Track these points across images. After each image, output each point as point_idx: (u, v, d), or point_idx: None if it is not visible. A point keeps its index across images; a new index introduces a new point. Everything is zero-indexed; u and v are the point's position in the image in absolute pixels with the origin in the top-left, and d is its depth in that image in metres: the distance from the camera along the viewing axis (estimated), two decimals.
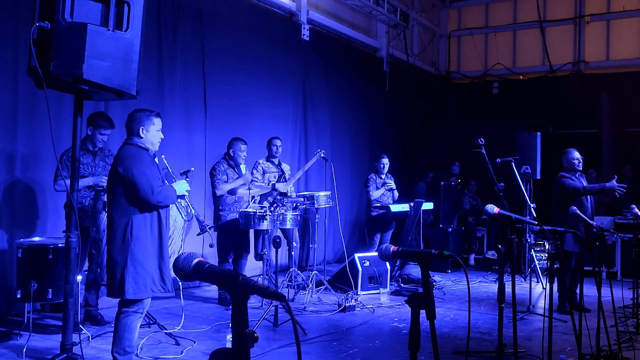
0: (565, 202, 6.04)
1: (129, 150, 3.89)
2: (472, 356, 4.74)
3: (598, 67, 12.60)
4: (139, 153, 3.88)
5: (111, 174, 3.89)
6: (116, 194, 3.83)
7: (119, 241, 3.78)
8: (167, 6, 7.13)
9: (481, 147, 6.17)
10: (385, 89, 12.03)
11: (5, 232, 5.55)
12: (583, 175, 6.54)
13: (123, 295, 3.75)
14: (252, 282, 1.58)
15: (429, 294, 2.15)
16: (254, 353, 4.25)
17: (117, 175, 3.80)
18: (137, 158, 3.83)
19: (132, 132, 3.94)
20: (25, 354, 4.33)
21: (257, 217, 5.89)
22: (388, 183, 8.20)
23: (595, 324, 4.24)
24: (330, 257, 9.90)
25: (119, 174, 3.78)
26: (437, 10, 14.29)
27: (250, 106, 8.39)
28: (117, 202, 3.82)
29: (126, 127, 3.97)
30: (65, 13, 3.49)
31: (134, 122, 3.93)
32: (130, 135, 3.94)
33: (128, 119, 3.97)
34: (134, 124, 3.93)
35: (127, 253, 3.77)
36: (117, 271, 3.77)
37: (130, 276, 3.75)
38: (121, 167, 3.79)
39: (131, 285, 3.75)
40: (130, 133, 3.94)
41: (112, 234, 3.82)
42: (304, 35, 9.60)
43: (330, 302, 6.47)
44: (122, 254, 3.78)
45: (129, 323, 3.83)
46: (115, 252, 3.80)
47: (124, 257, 3.76)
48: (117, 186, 3.82)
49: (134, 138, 3.93)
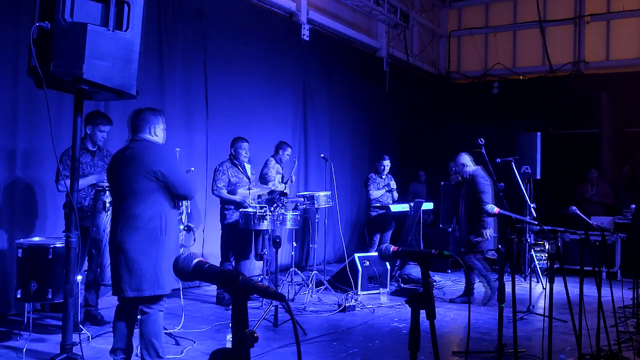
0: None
1: (158, 148, 3.93)
2: (472, 356, 4.74)
3: (598, 67, 12.60)
4: (169, 150, 4.00)
5: (136, 171, 3.81)
6: (145, 191, 3.79)
7: (152, 237, 3.78)
8: (167, 6, 7.13)
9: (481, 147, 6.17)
10: (385, 89, 12.03)
11: (5, 232, 5.55)
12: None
13: (160, 289, 3.77)
14: (252, 282, 1.58)
15: (429, 294, 2.15)
16: (254, 353, 4.26)
17: (149, 173, 3.78)
18: (172, 156, 3.99)
19: (141, 130, 3.92)
20: (25, 354, 4.33)
21: (257, 217, 5.90)
22: (391, 184, 8.24)
23: (595, 324, 4.24)
24: (330, 257, 9.90)
25: (152, 172, 3.77)
26: (437, 10, 14.29)
27: (251, 106, 8.39)
28: (145, 199, 3.78)
29: (134, 126, 3.94)
30: (65, 13, 3.48)
31: (144, 121, 3.93)
32: (140, 133, 3.92)
33: (136, 118, 3.95)
34: (144, 124, 3.93)
35: (161, 248, 3.79)
36: (148, 267, 3.74)
37: (166, 270, 3.77)
38: (159, 165, 3.78)
39: (167, 279, 3.79)
40: (140, 131, 3.92)
41: (140, 231, 3.76)
42: (304, 35, 9.60)
43: (330, 302, 6.47)
44: (155, 249, 3.77)
45: (159, 321, 3.86)
46: (145, 248, 3.74)
47: (158, 252, 3.77)
48: (148, 183, 3.79)
49: (146, 136, 3.93)
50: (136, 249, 3.76)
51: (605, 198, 9.86)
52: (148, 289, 3.77)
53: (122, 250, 3.76)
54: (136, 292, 3.77)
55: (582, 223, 4.61)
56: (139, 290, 3.76)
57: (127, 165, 3.85)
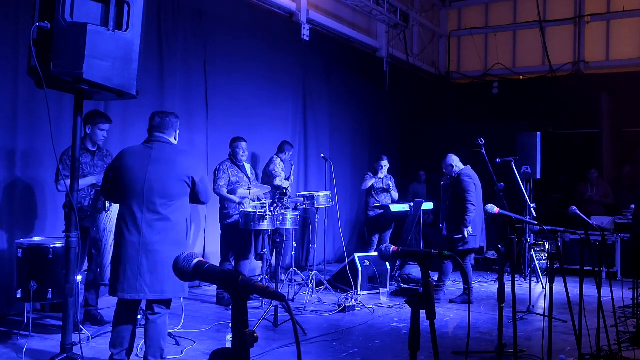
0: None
1: (190, 155, 4.09)
2: (472, 356, 4.74)
3: (598, 67, 12.59)
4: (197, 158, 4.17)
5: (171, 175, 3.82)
6: (177, 195, 3.84)
7: (180, 240, 3.84)
8: (167, 6, 7.13)
9: (481, 147, 6.18)
10: (385, 89, 12.03)
11: (5, 232, 5.55)
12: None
13: (182, 292, 3.89)
14: (252, 282, 1.58)
15: (429, 294, 2.15)
16: (254, 353, 4.26)
17: (184, 178, 3.85)
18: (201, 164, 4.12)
19: (166, 132, 3.94)
20: (25, 354, 4.33)
21: (257, 217, 5.90)
22: (390, 185, 8.28)
23: (595, 324, 4.24)
24: (330, 257, 9.90)
25: (187, 177, 3.86)
26: (437, 10, 14.28)
27: (251, 106, 8.39)
28: (173, 203, 3.83)
29: (156, 126, 3.93)
30: (65, 13, 3.48)
31: (170, 124, 3.96)
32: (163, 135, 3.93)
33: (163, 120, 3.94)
34: (169, 127, 3.96)
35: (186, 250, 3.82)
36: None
37: None
38: (194, 171, 3.90)
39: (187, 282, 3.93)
40: (164, 133, 3.93)
41: (170, 233, 3.80)
42: (304, 35, 9.60)
43: (330, 302, 6.47)
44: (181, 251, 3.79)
45: (167, 322, 3.93)
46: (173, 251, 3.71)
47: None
48: (182, 187, 3.87)
49: (171, 139, 3.97)
50: (164, 250, 3.74)
51: (605, 198, 9.86)
52: (171, 291, 3.79)
53: (148, 251, 3.74)
54: (158, 294, 3.76)
55: (582, 223, 4.60)
56: (161, 292, 3.76)
57: (157, 165, 3.82)
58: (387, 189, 8.33)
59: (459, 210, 6.63)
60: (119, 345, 3.86)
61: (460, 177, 6.72)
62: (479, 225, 6.78)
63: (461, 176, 6.71)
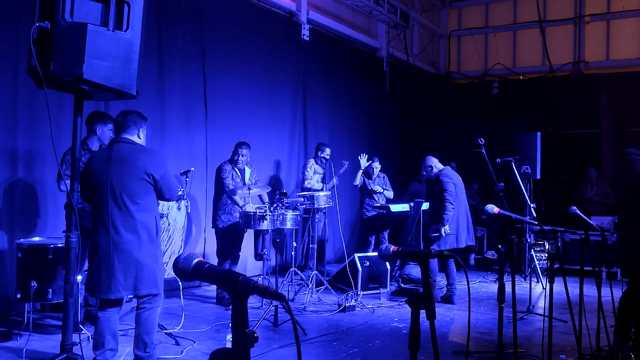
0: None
1: (151, 151, 4.03)
2: (472, 356, 4.74)
3: (598, 67, 12.60)
4: (161, 153, 4.09)
5: (130, 173, 3.85)
6: (140, 194, 3.86)
7: (151, 238, 3.90)
8: (167, 6, 7.13)
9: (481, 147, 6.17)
10: (385, 89, 12.03)
11: (6, 232, 5.55)
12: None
13: (155, 289, 3.91)
14: (252, 282, 1.58)
15: (429, 294, 2.15)
16: (254, 353, 4.25)
17: (143, 175, 3.85)
18: (164, 159, 4.05)
19: (129, 131, 3.97)
20: (25, 354, 4.33)
21: (257, 217, 5.89)
22: (383, 185, 8.37)
23: (595, 324, 4.24)
24: (330, 257, 9.89)
25: (146, 175, 3.85)
26: (437, 10, 14.29)
27: (250, 106, 8.39)
28: (138, 202, 3.85)
29: (119, 126, 3.99)
30: (65, 13, 3.48)
31: (133, 123, 3.98)
32: (125, 134, 3.96)
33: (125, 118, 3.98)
34: (133, 125, 3.98)
35: (157, 248, 3.98)
36: (146, 266, 3.84)
37: (160, 270, 3.98)
38: (153, 168, 3.87)
39: (161, 278, 3.98)
40: (126, 132, 3.96)
41: (138, 233, 3.84)
42: (303, 35, 9.60)
43: (330, 302, 6.47)
44: (154, 249, 3.93)
45: (153, 317, 3.97)
46: (145, 250, 3.85)
47: (155, 253, 3.94)
48: (143, 185, 3.87)
49: (132, 138, 3.97)
50: (134, 249, 3.83)
51: (605, 198, 9.86)
52: (144, 288, 3.85)
53: (119, 251, 3.81)
54: (132, 292, 3.85)
55: (582, 223, 4.60)
56: (135, 289, 3.84)
57: (117, 166, 3.86)
58: (382, 189, 8.44)
59: (437, 209, 6.72)
60: (100, 346, 3.88)
61: (439, 177, 6.81)
62: (463, 224, 6.79)
63: (440, 176, 6.81)
